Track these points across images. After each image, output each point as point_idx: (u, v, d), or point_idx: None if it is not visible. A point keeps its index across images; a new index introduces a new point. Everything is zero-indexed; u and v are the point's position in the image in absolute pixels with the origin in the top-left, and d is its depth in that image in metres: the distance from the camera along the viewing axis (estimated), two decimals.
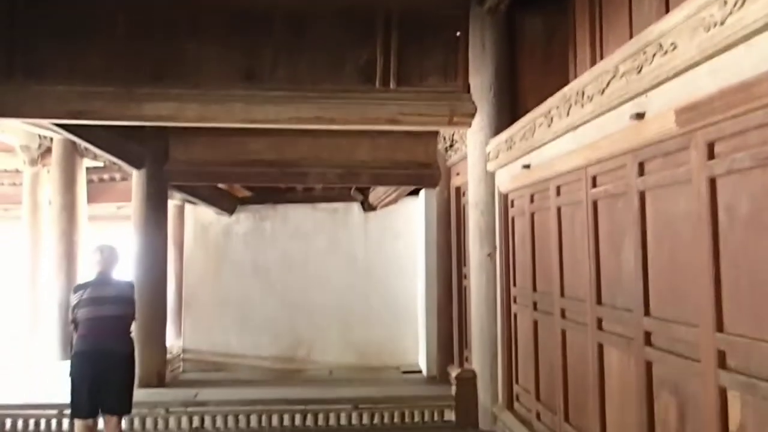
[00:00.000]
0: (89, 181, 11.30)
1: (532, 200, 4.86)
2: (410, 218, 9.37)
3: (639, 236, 3.10)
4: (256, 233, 9.54)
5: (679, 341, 2.78)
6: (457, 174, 7.61)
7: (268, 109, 5.81)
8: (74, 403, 4.42)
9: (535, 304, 4.75)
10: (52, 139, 10.41)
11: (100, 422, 4.57)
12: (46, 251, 11.50)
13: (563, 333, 4.14)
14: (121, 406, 4.52)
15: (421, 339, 8.94)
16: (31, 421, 5.54)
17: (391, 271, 9.45)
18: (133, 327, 4.76)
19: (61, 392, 6.94)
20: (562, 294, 4.17)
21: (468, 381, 5.73)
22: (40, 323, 11.81)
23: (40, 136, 10.99)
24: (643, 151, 3.05)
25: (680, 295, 2.78)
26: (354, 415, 5.66)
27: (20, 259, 12.53)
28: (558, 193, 4.28)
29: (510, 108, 5.75)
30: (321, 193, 9.81)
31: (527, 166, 4.70)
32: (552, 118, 4.11)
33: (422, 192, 8.92)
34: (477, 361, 5.84)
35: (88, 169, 10.98)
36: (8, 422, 5.51)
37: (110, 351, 4.40)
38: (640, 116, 2.95)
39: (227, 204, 9.49)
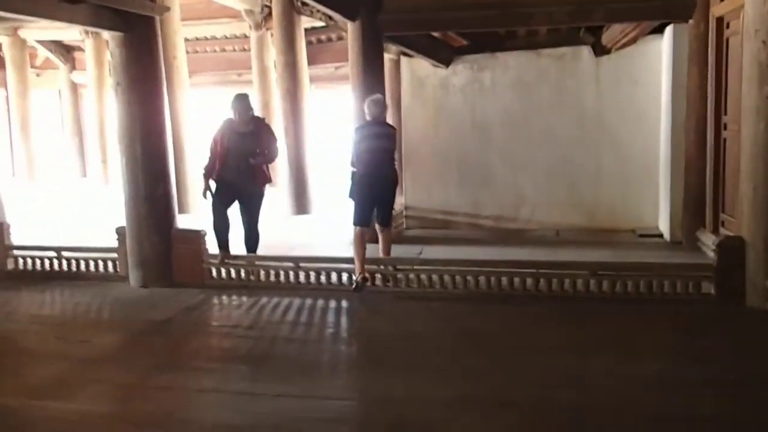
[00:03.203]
0: (308, 43, 11.42)
1: None
2: (652, 61, 7.99)
3: None
4: (474, 85, 8.86)
5: None
6: (721, 0, 6.15)
7: None
8: (355, 215, 5.75)
9: None
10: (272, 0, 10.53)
11: None
12: (275, 111, 12.12)
13: None
14: (388, 219, 5.90)
15: (662, 199, 7.91)
16: (272, 272, 5.83)
17: (626, 123, 8.30)
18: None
19: (297, 246, 7.38)
20: None
21: (734, 250, 4.81)
22: (274, 180, 12.76)
23: None
24: None
25: None
26: (592, 282, 5.10)
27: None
28: None
29: None
30: (545, 38, 8.71)
31: None
32: None
33: (668, 28, 7.47)
34: (746, 227, 4.86)
35: (306, 30, 11.05)
36: (251, 273, 5.87)
37: (381, 175, 5.70)
38: None
39: (443, 55, 8.88)
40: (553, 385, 3.51)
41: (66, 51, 16.20)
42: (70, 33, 14.05)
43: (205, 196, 6.05)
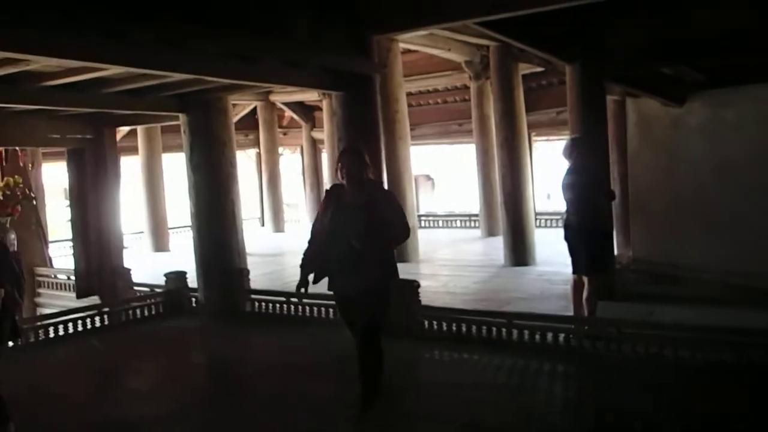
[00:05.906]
0: (528, 89, 11.22)
1: None
2: None
3: None
4: (714, 123, 7.84)
5: None
6: None
7: None
8: (572, 262, 5.69)
9: None
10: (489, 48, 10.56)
11: None
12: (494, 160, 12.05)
13: None
14: (586, 269, 5.55)
15: None
16: (484, 328, 5.60)
17: None
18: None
19: (514, 300, 7.03)
20: None
21: None
22: (496, 227, 12.61)
23: (478, 47, 11.32)
24: None
25: None
26: None
27: (473, 169, 13.54)
28: None
29: None
30: None
31: None
32: None
33: None
34: None
35: (525, 76, 10.88)
36: (462, 327, 5.70)
37: (569, 224, 5.64)
38: None
39: (675, 92, 8.04)
40: None
41: (308, 111, 17.95)
42: (310, 94, 15.54)
43: (298, 290, 4.16)
